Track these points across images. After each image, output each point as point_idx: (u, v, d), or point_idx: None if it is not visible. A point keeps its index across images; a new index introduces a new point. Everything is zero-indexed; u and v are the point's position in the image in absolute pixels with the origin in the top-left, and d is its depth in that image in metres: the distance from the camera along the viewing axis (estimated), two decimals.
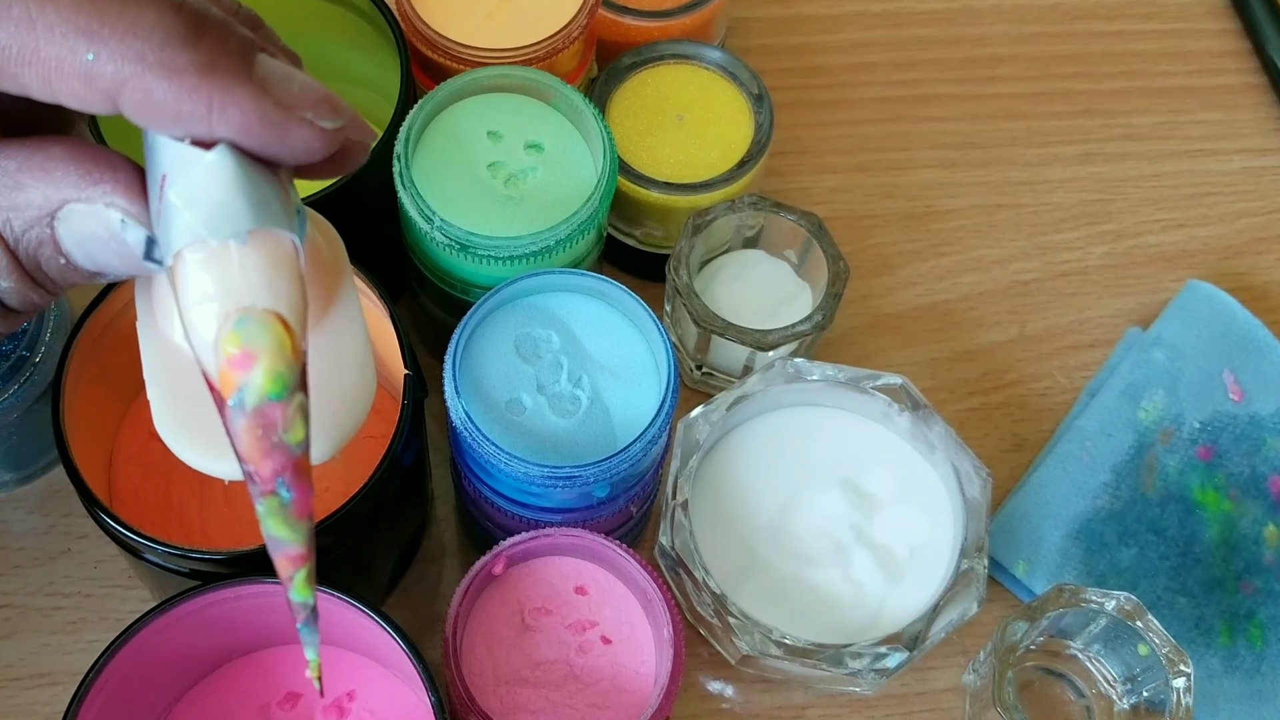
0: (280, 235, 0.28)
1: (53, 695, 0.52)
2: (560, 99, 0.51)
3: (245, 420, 0.28)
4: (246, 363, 0.27)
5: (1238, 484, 0.57)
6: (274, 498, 0.28)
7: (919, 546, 0.52)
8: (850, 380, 0.53)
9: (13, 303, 0.30)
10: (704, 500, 0.52)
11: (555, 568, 0.47)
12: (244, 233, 0.28)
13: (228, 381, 0.28)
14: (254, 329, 0.27)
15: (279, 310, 0.28)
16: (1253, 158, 0.68)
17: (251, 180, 0.28)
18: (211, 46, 0.27)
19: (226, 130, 0.28)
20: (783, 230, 0.57)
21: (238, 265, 0.28)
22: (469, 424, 0.44)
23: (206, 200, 0.27)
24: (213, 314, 0.28)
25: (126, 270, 0.30)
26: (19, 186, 0.29)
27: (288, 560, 0.29)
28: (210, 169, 0.28)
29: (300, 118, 0.28)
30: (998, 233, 0.65)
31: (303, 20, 0.56)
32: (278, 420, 0.28)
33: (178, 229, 0.28)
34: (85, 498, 0.44)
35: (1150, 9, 0.72)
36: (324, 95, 0.29)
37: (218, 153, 0.28)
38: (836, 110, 0.68)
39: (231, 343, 0.27)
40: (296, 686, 0.49)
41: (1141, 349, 0.60)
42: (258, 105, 0.27)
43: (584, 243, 0.50)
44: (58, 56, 0.26)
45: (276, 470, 0.28)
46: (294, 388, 0.28)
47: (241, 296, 0.28)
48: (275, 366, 0.27)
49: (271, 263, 0.28)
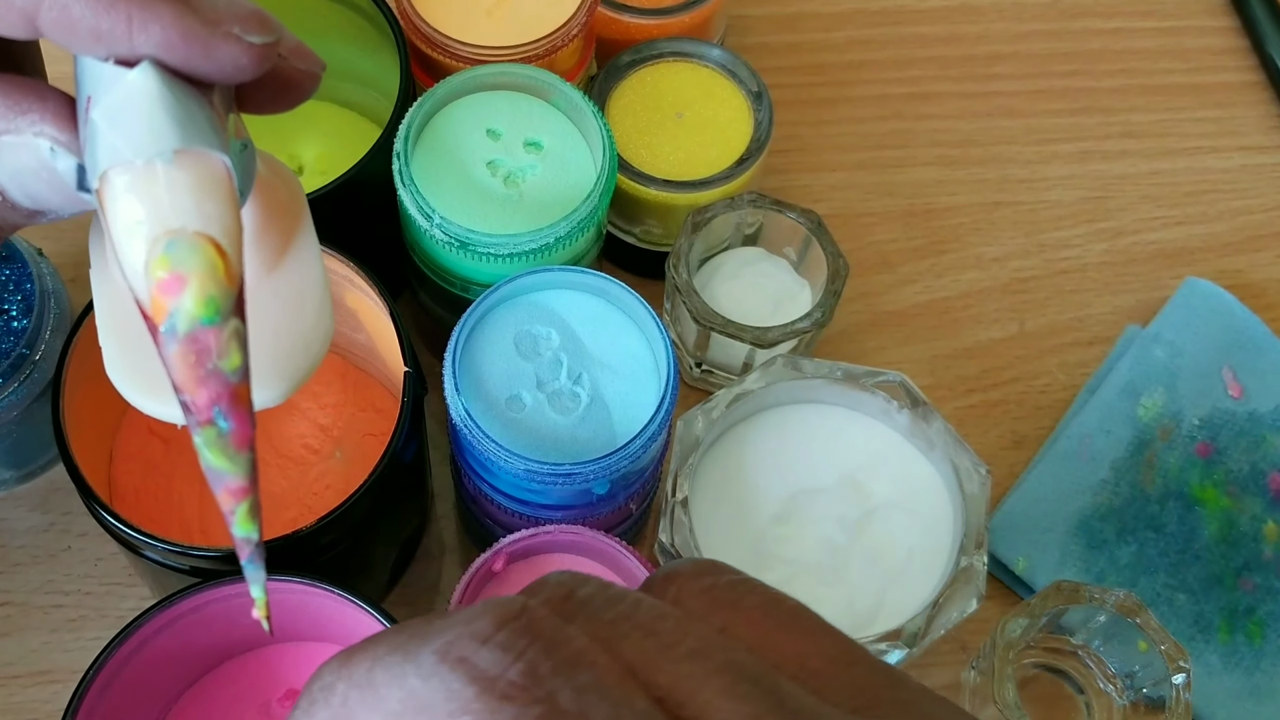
0: (210, 155, 0.27)
1: (53, 693, 0.52)
2: (560, 97, 0.51)
3: (177, 346, 0.26)
4: (176, 286, 0.26)
5: (1237, 481, 0.57)
6: (211, 427, 0.27)
7: (918, 544, 0.52)
8: (849, 377, 0.53)
9: None
10: (704, 497, 0.52)
11: (555, 565, 0.48)
12: (169, 151, 0.27)
13: (159, 307, 0.27)
14: (183, 251, 0.26)
15: (210, 232, 0.27)
16: (1251, 155, 0.68)
17: (177, 98, 0.27)
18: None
19: (149, 47, 0.27)
20: (782, 228, 0.57)
21: (165, 187, 0.27)
22: (469, 421, 0.44)
23: (130, 119, 0.27)
24: (141, 238, 0.27)
25: (61, 203, 0.29)
26: None
27: (229, 493, 0.28)
28: (132, 87, 0.27)
29: (226, 32, 0.27)
30: (997, 230, 0.65)
31: (302, 18, 0.56)
32: (211, 345, 0.26)
33: (102, 150, 0.27)
34: (85, 495, 0.44)
35: (1149, 6, 0.72)
36: (252, 10, 0.28)
37: (140, 70, 0.27)
38: (836, 108, 0.68)
39: (160, 266, 0.26)
40: (297, 683, 0.49)
41: (1141, 346, 0.60)
42: (180, 20, 0.27)
43: (583, 240, 0.50)
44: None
45: (212, 399, 0.27)
46: (227, 312, 0.27)
47: (170, 219, 0.27)
48: (206, 289, 0.26)
49: (201, 184, 0.27)
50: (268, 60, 0.28)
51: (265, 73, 0.29)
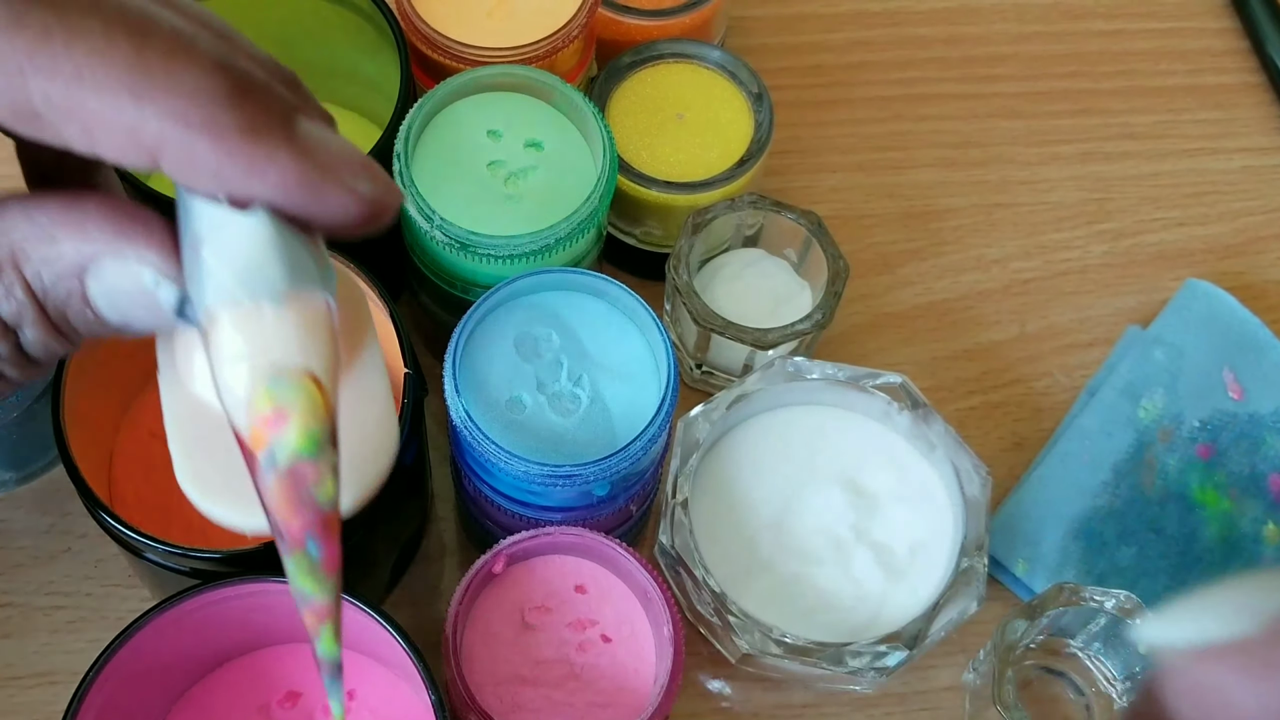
0: (314, 295, 0.29)
1: (53, 694, 0.52)
2: (560, 98, 0.51)
3: (276, 477, 0.28)
4: (279, 421, 0.27)
5: (1237, 483, 0.57)
6: (303, 554, 0.28)
7: (919, 545, 0.52)
8: (850, 379, 0.53)
9: (35, 353, 0.30)
10: (704, 499, 0.52)
11: (555, 566, 0.47)
12: (279, 294, 0.28)
13: (259, 439, 0.28)
14: (287, 388, 0.28)
15: (311, 369, 0.28)
16: (1252, 157, 0.68)
17: (287, 242, 0.28)
18: (254, 108, 0.27)
19: (265, 191, 0.28)
20: (782, 229, 0.57)
21: (272, 325, 0.28)
22: (469, 423, 0.44)
23: (242, 261, 0.28)
24: (245, 372, 0.28)
25: (154, 325, 0.30)
26: (52, 240, 0.29)
27: (314, 615, 0.29)
28: (247, 230, 0.28)
29: (338, 182, 0.28)
30: (997, 231, 0.65)
31: (302, 20, 0.56)
32: (308, 477, 0.28)
33: (212, 289, 0.28)
34: (85, 497, 0.44)
35: (1149, 8, 0.72)
36: (361, 160, 0.29)
37: (255, 214, 0.28)
38: (836, 109, 0.68)
39: (264, 401, 0.28)
40: (296, 685, 0.49)
41: (1141, 348, 0.60)
42: (297, 168, 0.28)
43: (584, 241, 0.50)
44: (103, 112, 0.26)
45: (305, 526, 0.28)
46: (325, 445, 0.28)
47: (275, 355, 0.28)
48: (307, 424, 0.28)
49: (305, 323, 0.28)
50: (373, 210, 0.29)
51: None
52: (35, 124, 0.27)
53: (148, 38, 0.27)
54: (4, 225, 0.29)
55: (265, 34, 0.56)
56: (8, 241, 0.28)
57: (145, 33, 0.27)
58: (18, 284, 0.29)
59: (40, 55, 0.26)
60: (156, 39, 0.27)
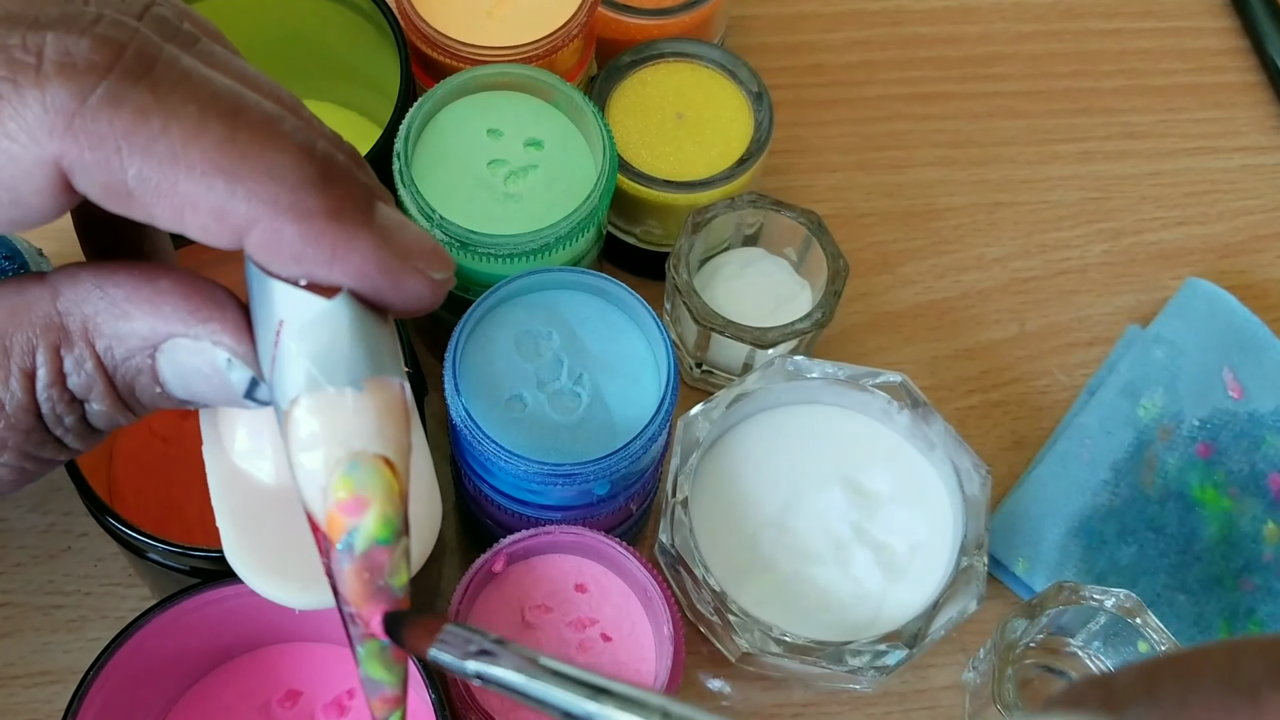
0: (391, 381, 0.29)
1: (53, 693, 0.52)
2: (560, 97, 0.51)
3: (352, 564, 0.28)
4: (358, 508, 0.27)
5: (1237, 481, 0.57)
6: (375, 641, 0.28)
7: (919, 544, 0.52)
8: (850, 378, 0.53)
9: (98, 424, 0.30)
10: (704, 498, 0.52)
11: (555, 565, 0.47)
12: (360, 380, 0.28)
13: (336, 525, 0.28)
14: (365, 475, 0.28)
15: (388, 455, 0.28)
16: (1252, 156, 0.68)
17: (366, 327, 0.28)
18: (340, 193, 0.27)
19: (345, 276, 0.28)
20: (782, 228, 0.57)
21: (352, 411, 0.28)
22: (469, 422, 0.44)
23: (325, 347, 0.28)
24: (322, 458, 0.28)
25: (221, 403, 0.30)
26: (125, 316, 0.29)
27: (384, 702, 0.29)
28: (329, 316, 0.28)
29: (415, 268, 0.28)
30: (997, 231, 0.65)
31: (303, 19, 0.56)
32: (385, 564, 0.28)
33: (294, 375, 0.28)
34: (86, 496, 0.44)
35: (1149, 7, 0.72)
36: (435, 245, 0.29)
37: (338, 301, 0.28)
38: (836, 108, 0.68)
39: (343, 487, 0.27)
40: (297, 684, 0.49)
41: (1141, 347, 0.60)
42: (378, 253, 0.28)
43: (584, 240, 0.50)
44: (194, 192, 0.27)
45: (380, 614, 0.28)
46: (400, 531, 0.28)
47: (353, 442, 0.28)
48: (385, 512, 0.28)
49: (383, 409, 0.28)
50: (442, 296, 0.30)
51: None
52: (125, 202, 0.27)
53: (239, 121, 0.27)
54: (77, 297, 0.29)
55: (267, 34, 0.56)
56: (80, 315, 0.29)
57: (237, 116, 0.27)
58: (89, 358, 0.29)
59: (138, 136, 0.26)
60: (247, 122, 0.27)
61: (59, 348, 0.29)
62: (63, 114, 0.26)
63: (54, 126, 0.26)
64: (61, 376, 0.29)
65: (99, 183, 0.27)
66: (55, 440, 0.30)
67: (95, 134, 0.26)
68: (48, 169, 0.26)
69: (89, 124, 0.26)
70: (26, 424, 0.29)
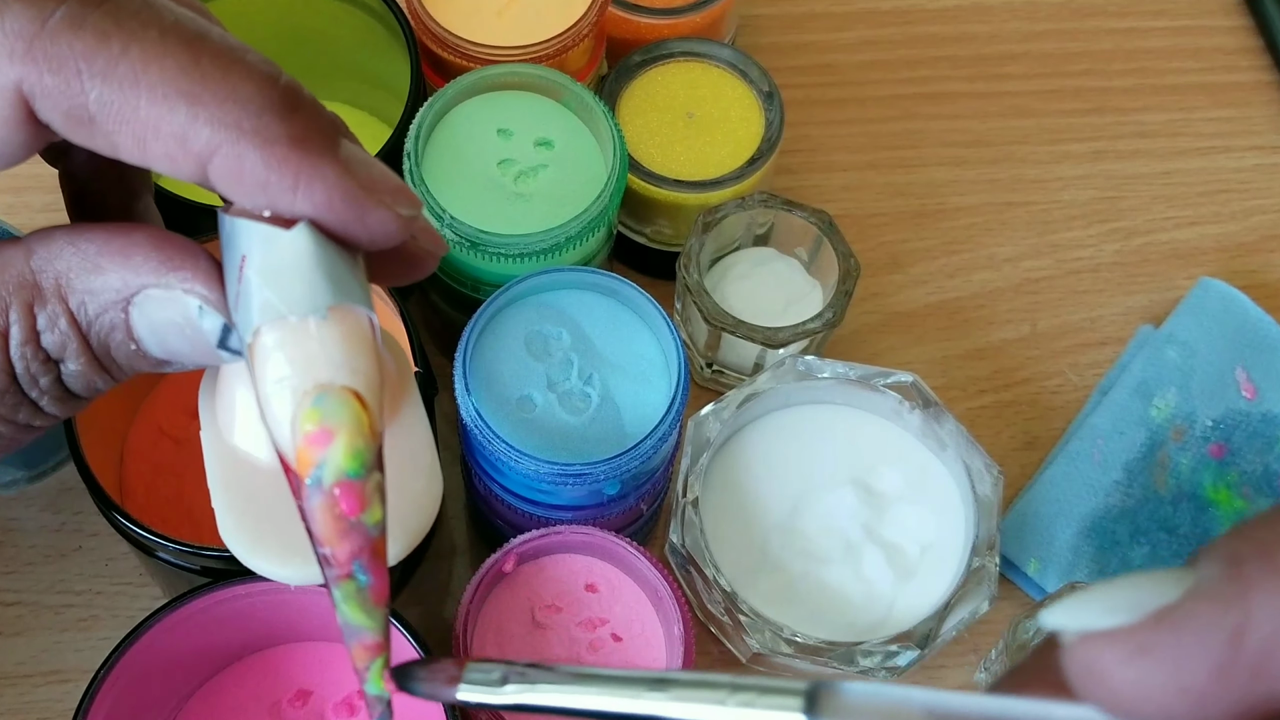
0: (358, 311, 0.28)
1: (64, 692, 0.52)
2: (570, 96, 0.51)
3: (322, 498, 0.27)
4: (324, 439, 0.27)
5: (1250, 482, 0.57)
6: (351, 581, 0.28)
7: (930, 544, 0.51)
8: (861, 378, 0.52)
9: (76, 387, 0.30)
10: (714, 498, 0.52)
11: (566, 565, 0.47)
12: (323, 308, 0.27)
13: (305, 459, 0.27)
14: (332, 405, 0.27)
15: (356, 387, 0.27)
16: (1265, 155, 0.68)
17: (330, 257, 0.28)
18: (304, 121, 0.27)
19: (309, 205, 0.28)
20: (793, 228, 0.57)
21: (316, 342, 0.27)
22: (479, 421, 0.44)
23: (287, 276, 0.27)
24: (289, 391, 0.27)
25: (197, 357, 0.30)
26: (98, 270, 0.29)
27: (364, 649, 0.28)
28: (291, 245, 0.27)
29: (379, 200, 0.28)
30: (1009, 230, 0.65)
31: (313, 19, 0.56)
32: (355, 499, 0.27)
33: (257, 306, 0.27)
34: (96, 495, 0.44)
35: (1161, 6, 0.72)
36: (400, 183, 0.29)
37: (299, 229, 0.28)
38: (847, 108, 0.68)
39: (309, 419, 0.27)
40: (307, 684, 0.49)
41: (1154, 347, 0.60)
42: (341, 183, 0.28)
43: (594, 240, 0.50)
44: (156, 116, 0.26)
45: (353, 552, 0.27)
46: (371, 465, 0.27)
47: (319, 373, 0.27)
48: (354, 443, 0.27)
49: (350, 339, 0.28)
50: (408, 233, 0.29)
51: (396, 247, 0.30)
52: (88, 129, 0.27)
53: (202, 47, 0.27)
54: (50, 254, 0.29)
55: (276, 33, 0.56)
56: (53, 271, 0.29)
57: (200, 42, 0.27)
58: (62, 315, 0.29)
59: (98, 58, 0.26)
60: (210, 49, 0.27)
61: (32, 305, 0.28)
62: (22, 38, 0.26)
63: (14, 50, 0.26)
64: (35, 335, 0.29)
65: (61, 109, 0.26)
66: (30, 403, 0.30)
67: (55, 57, 0.26)
68: (9, 95, 0.26)
69: (49, 47, 0.26)
70: (1, 384, 0.29)
